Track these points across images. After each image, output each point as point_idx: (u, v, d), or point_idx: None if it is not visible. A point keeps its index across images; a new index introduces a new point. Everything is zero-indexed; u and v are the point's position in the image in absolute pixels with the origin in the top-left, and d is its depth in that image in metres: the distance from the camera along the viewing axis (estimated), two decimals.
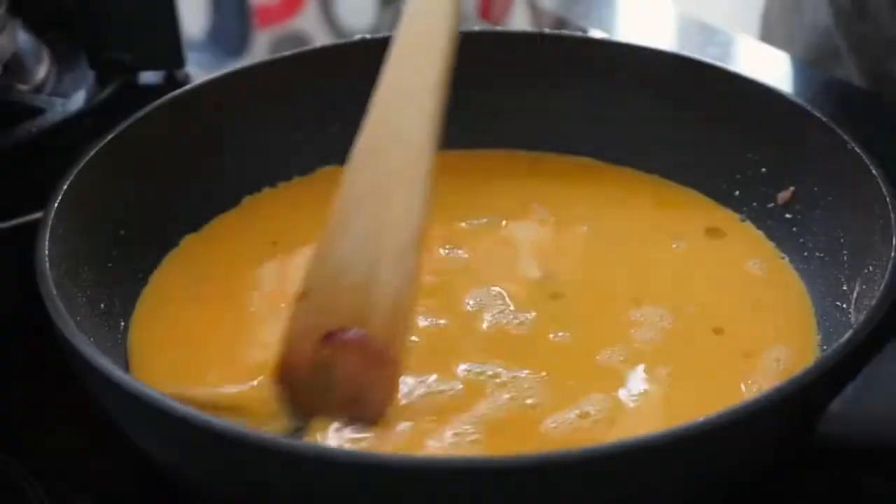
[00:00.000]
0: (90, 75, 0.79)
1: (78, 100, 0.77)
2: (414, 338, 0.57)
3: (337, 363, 0.53)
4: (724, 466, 0.50)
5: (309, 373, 0.54)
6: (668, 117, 0.71)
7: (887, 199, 0.58)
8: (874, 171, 0.60)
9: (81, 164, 0.62)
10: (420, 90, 0.54)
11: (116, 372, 0.50)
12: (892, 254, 0.55)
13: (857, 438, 0.48)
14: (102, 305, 0.60)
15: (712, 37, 0.95)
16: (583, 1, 1.01)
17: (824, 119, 0.64)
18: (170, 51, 0.80)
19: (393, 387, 0.54)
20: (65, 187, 0.60)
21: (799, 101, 0.66)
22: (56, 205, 0.59)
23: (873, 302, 0.53)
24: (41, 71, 0.79)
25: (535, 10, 1.02)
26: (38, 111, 0.75)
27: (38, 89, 0.78)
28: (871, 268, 0.57)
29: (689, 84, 0.71)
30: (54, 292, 0.54)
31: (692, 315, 0.62)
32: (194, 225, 0.69)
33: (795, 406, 0.48)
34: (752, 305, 0.63)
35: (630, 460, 0.46)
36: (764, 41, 1.01)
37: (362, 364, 0.53)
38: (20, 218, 0.65)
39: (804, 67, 0.92)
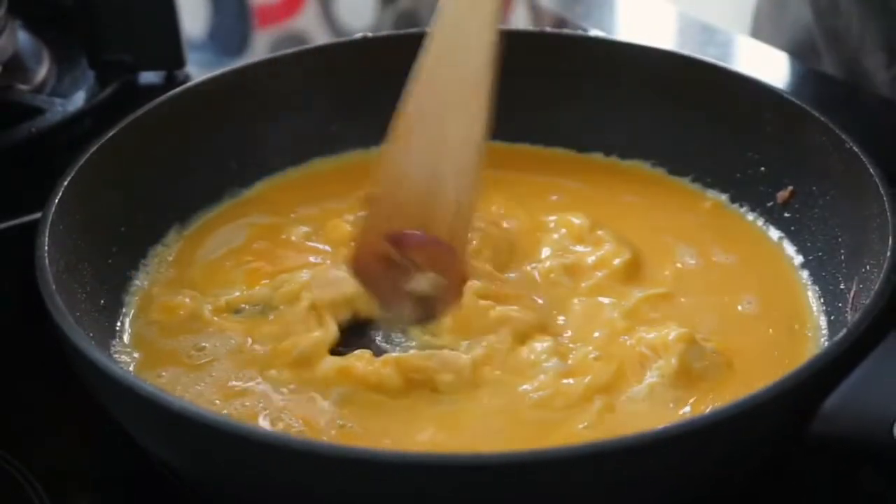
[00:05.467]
0: (90, 75, 0.80)
1: (78, 100, 0.77)
2: None
3: (406, 260, 0.59)
4: (718, 463, 0.50)
5: (380, 267, 0.59)
6: (667, 116, 0.71)
7: (884, 199, 0.58)
8: (872, 171, 0.60)
9: (81, 163, 0.62)
10: (477, 20, 0.57)
11: (115, 368, 0.50)
12: (888, 253, 0.55)
13: (850, 437, 0.48)
14: (102, 301, 0.60)
15: (712, 36, 0.95)
16: (583, 1, 1.01)
17: (823, 118, 0.64)
18: (170, 51, 0.80)
19: (458, 287, 0.58)
20: (64, 185, 0.60)
21: (798, 100, 0.66)
22: (56, 202, 0.59)
23: (868, 301, 0.53)
24: (41, 71, 0.79)
25: (535, 10, 1.01)
26: (38, 111, 0.75)
27: (38, 89, 0.78)
28: (867, 267, 0.58)
29: (688, 83, 0.71)
30: (53, 288, 0.54)
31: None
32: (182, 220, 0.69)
33: (789, 404, 0.48)
34: (749, 303, 0.63)
35: (623, 455, 0.46)
36: (753, 37, 1.01)
37: (429, 263, 0.58)
38: (20, 217, 0.65)
39: (804, 67, 0.92)
